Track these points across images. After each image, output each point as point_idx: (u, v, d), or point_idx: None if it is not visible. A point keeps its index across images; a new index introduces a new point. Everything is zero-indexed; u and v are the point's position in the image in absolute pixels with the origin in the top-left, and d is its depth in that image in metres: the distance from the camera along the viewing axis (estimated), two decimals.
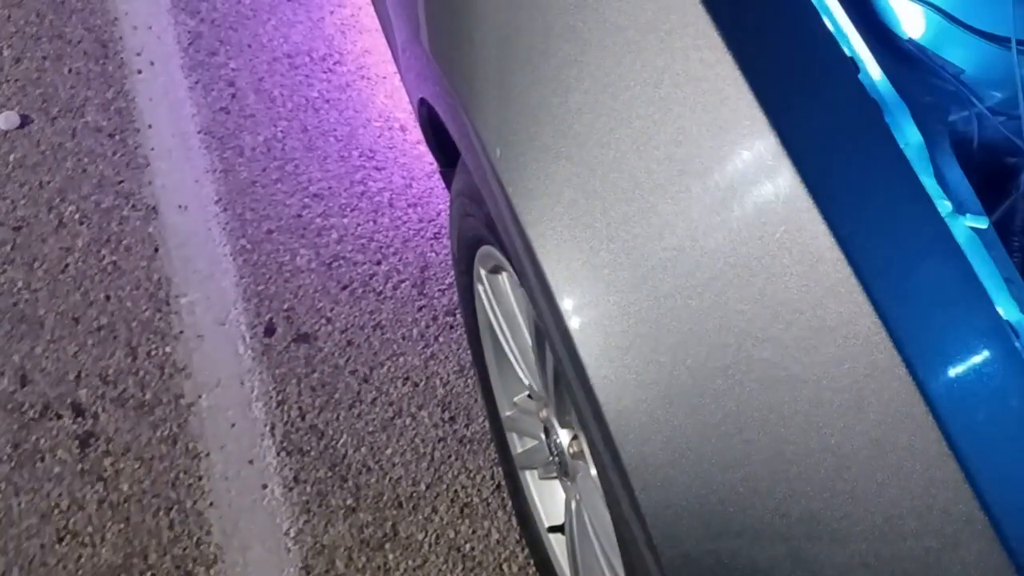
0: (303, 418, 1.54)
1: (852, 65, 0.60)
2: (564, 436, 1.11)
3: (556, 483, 1.29)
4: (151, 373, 1.57)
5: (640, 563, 0.74)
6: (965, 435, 0.53)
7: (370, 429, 1.54)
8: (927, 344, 0.54)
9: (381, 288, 1.68)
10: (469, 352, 1.57)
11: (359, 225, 1.75)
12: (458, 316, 1.64)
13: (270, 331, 1.63)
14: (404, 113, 1.89)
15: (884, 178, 0.58)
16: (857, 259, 0.55)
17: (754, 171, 0.60)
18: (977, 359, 0.54)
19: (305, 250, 1.71)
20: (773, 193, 0.58)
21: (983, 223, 0.58)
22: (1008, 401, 0.54)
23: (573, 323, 0.70)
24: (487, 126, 0.82)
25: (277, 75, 1.92)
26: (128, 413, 1.54)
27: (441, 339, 1.63)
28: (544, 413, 1.15)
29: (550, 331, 0.75)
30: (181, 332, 1.62)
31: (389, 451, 1.52)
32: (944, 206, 0.58)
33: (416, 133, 1.85)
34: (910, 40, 0.67)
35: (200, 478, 1.49)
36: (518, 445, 1.34)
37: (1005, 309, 0.56)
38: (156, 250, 1.71)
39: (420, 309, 1.66)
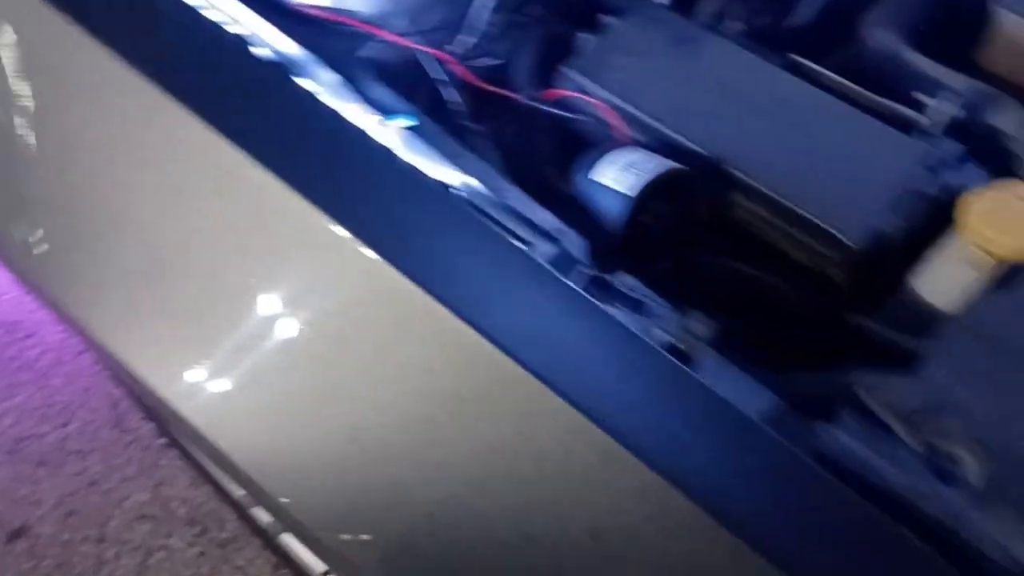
0: None
1: (241, 43, 0.67)
2: None
3: None
4: None
5: None
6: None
7: None
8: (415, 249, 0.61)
9: (79, 447, 1.59)
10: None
11: (31, 397, 1.64)
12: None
13: None
14: None
15: (315, 122, 0.65)
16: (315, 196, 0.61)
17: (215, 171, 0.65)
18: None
19: None
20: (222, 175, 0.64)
21: (414, 120, 0.67)
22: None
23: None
24: None
25: None
26: None
27: (162, 462, 1.57)
28: None
29: None
30: None
31: None
32: (377, 117, 0.66)
33: None
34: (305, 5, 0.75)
35: None
36: (263, 515, 1.33)
37: (453, 179, 0.65)
38: None
39: (128, 445, 1.59)
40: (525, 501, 0.59)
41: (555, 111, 0.77)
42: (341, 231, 0.61)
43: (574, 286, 0.60)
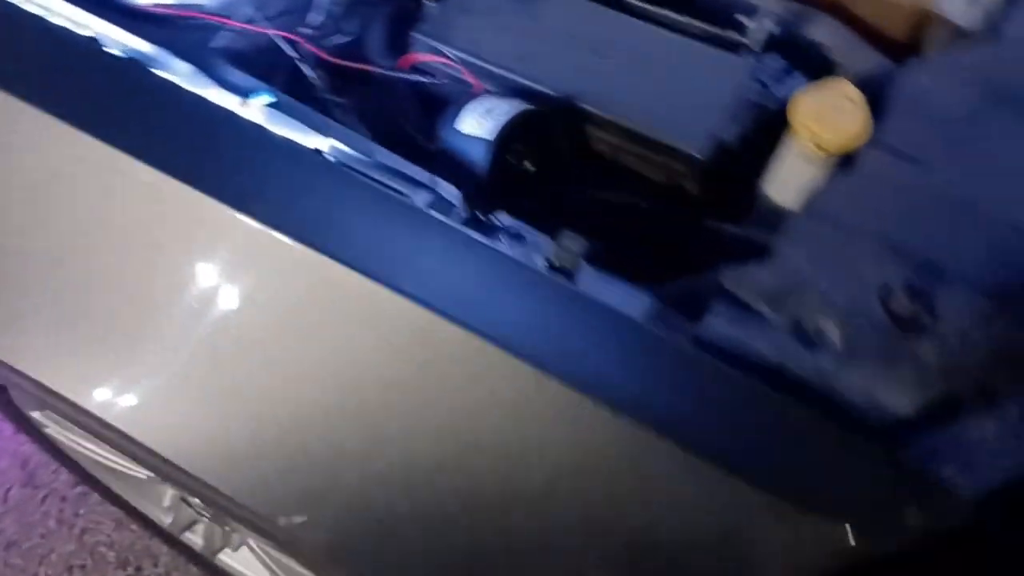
0: None
1: (95, 44, 0.68)
2: None
3: (243, 549, 1.30)
4: None
5: None
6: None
7: None
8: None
9: None
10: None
11: None
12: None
13: None
14: None
15: (182, 109, 0.66)
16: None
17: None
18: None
19: None
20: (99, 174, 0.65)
21: (272, 98, 0.69)
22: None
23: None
24: None
25: None
26: None
27: (82, 511, 1.53)
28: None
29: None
30: None
31: None
32: (239, 99, 0.68)
33: None
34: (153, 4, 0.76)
35: None
36: (196, 538, 1.32)
37: (320, 144, 0.67)
38: None
39: (43, 500, 1.54)
40: (435, 427, 0.62)
41: (411, 76, 0.80)
42: (226, 209, 0.63)
43: (455, 224, 0.64)
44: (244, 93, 0.68)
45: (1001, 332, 0.67)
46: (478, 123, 0.71)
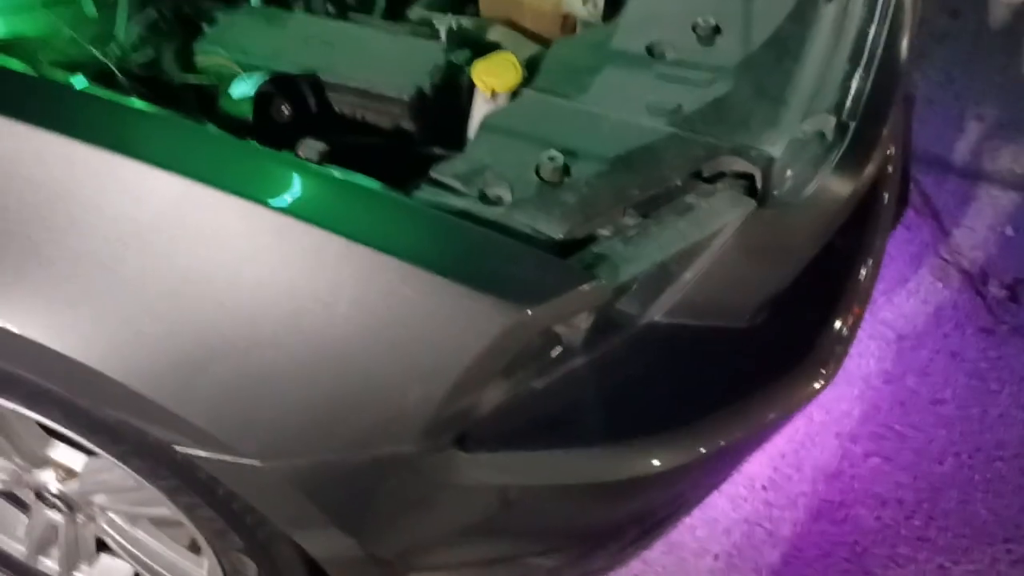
0: None
1: None
2: (48, 477, 1.27)
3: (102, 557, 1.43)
4: None
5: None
6: None
7: None
8: None
9: None
10: None
11: None
12: None
13: None
14: None
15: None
16: None
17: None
18: None
19: None
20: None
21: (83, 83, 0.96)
22: None
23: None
24: None
25: None
26: None
27: None
28: (29, 478, 1.28)
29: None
30: None
31: None
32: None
33: None
34: None
35: None
36: (51, 564, 1.44)
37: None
38: None
39: None
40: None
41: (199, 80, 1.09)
42: None
43: None
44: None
45: (615, 180, 1.02)
46: (242, 89, 1.00)
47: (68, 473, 1.26)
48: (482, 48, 1.23)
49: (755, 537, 1.73)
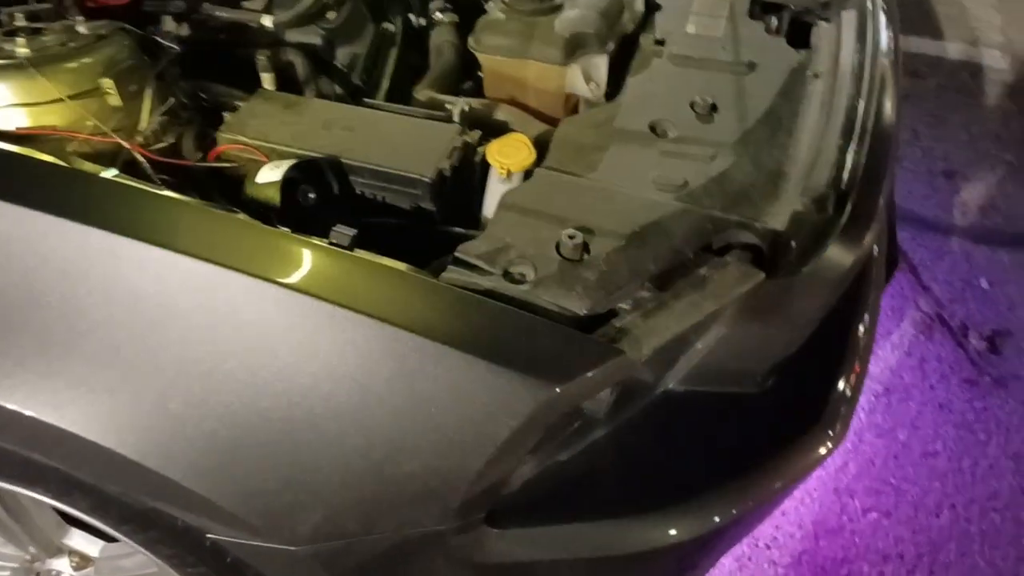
0: None
1: None
2: (63, 565, 1.25)
3: None
4: None
5: None
6: None
7: None
8: None
9: None
10: None
11: None
12: None
13: None
14: None
15: None
16: None
17: None
18: None
19: None
20: None
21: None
22: None
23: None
24: None
25: None
26: None
27: None
28: (41, 567, 1.26)
29: None
30: None
31: None
32: None
33: None
34: None
35: None
36: None
37: None
38: None
39: None
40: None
41: (217, 164, 1.12)
42: None
43: None
44: None
45: (632, 256, 1.05)
46: (269, 174, 1.03)
47: (83, 559, 1.24)
48: (492, 128, 1.28)
49: None
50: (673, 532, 1.09)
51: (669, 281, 1.08)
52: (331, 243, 0.92)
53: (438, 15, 1.57)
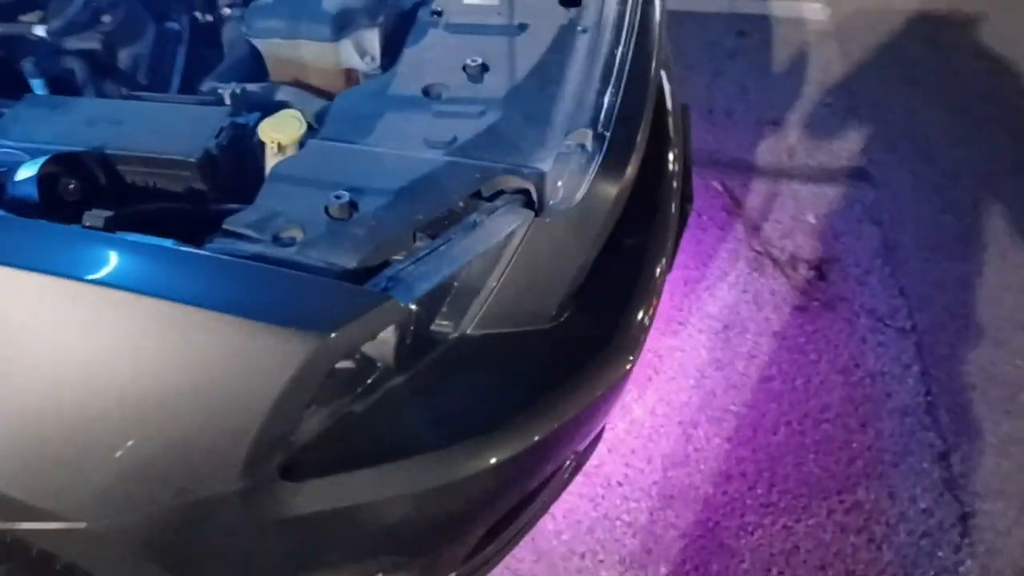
0: None
1: None
2: None
3: None
4: None
5: None
6: None
7: None
8: None
9: None
10: None
11: None
12: None
13: None
14: None
15: None
16: None
17: None
18: None
19: None
20: None
21: None
22: None
23: None
24: None
25: None
26: None
27: None
28: None
29: None
30: None
31: None
32: None
33: None
34: None
35: None
36: None
37: None
38: None
39: None
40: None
41: None
42: None
43: None
44: None
45: (401, 209, 1.11)
46: (27, 172, 1.04)
47: None
48: (272, 109, 1.31)
49: (616, 531, 1.83)
50: (486, 457, 1.15)
51: (443, 230, 1.15)
52: (86, 227, 0.95)
53: (227, 10, 1.60)
